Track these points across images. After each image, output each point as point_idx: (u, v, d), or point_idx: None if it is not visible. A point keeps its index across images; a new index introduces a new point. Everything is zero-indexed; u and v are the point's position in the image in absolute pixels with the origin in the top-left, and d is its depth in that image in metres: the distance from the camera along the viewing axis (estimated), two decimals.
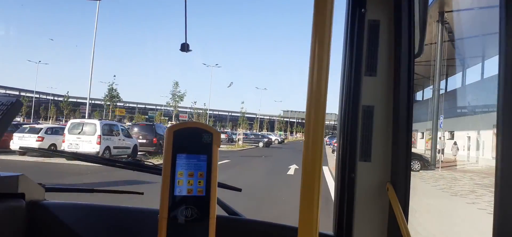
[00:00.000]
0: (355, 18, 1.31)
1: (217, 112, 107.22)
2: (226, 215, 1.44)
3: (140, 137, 20.18)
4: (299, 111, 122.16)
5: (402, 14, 1.26)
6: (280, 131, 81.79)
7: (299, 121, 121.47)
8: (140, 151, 19.43)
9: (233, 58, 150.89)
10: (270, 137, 42.54)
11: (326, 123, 0.71)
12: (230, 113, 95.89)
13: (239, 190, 1.60)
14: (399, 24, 1.27)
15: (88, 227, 1.41)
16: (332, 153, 26.30)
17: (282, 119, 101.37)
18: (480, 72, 29.22)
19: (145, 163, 1.60)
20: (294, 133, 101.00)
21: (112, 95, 30.50)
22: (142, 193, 1.68)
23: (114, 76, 38.81)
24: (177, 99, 23.59)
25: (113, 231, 1.42)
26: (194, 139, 1.07)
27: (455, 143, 30.12)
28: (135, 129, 20.93)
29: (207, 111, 55.96)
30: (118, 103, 33.58)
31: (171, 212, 1.03)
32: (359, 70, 1.31)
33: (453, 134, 30.48)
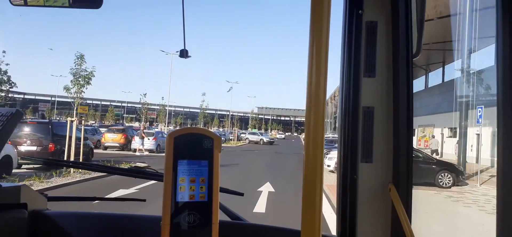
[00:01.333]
0: (352, 20, 1.34)
1: (188, 110, 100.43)
2: (229, 220, 1.46)
3: (29, 143, 13.39)
4: (275, 108, 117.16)
5: (399, 15, 1.29)
6: (254, 128, 75.91)
7: (274, 118, 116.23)
8: (26, 163, 12.61)
9: (209, 50, 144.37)
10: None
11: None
12: (203, 111, 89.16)
13: (241, 194, 1.63)
14: (396, 24, 1.30)
15: (91, 235, 1.43)
16: None
17: (256, 116, 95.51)
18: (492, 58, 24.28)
19: (146, 169, 1.66)
20: (269, 130, 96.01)
21: (0, 81, 20.05)
22: (144, 200, 1.70)
23: (4, 52, 23.83)
24: (81, 82, 14.11)
25: None
26: (194, 144, 1.07)
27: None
28: (25, 129, 14.03)
29: (166, 108, 48.90)
30: (11, 91, 23.93)
31: (173, 218, 1.03)
32: (358, 71, 1.34)
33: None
